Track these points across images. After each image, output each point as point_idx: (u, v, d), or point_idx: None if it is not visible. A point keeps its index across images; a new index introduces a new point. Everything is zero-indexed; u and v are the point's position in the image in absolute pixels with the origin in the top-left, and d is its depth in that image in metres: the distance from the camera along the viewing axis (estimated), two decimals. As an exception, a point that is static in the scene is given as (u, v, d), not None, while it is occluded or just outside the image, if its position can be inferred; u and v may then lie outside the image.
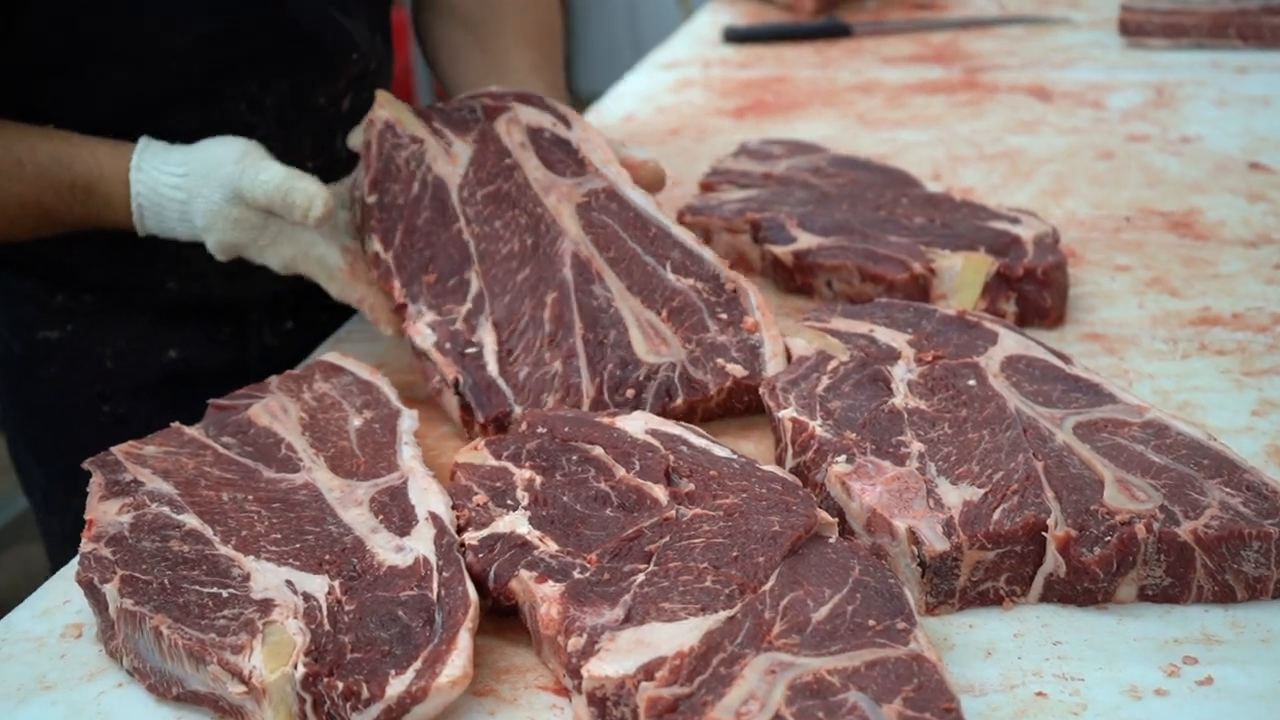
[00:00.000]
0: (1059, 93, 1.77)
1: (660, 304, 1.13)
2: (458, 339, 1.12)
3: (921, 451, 0.93)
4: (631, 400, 1.07)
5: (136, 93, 1.24)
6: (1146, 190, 1.46)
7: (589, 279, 1.14)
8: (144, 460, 0.98)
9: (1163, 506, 0.86)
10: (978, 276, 1.19)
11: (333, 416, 1.05)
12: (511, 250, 1.18)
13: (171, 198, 1.15)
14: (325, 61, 1.33)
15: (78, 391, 1.39)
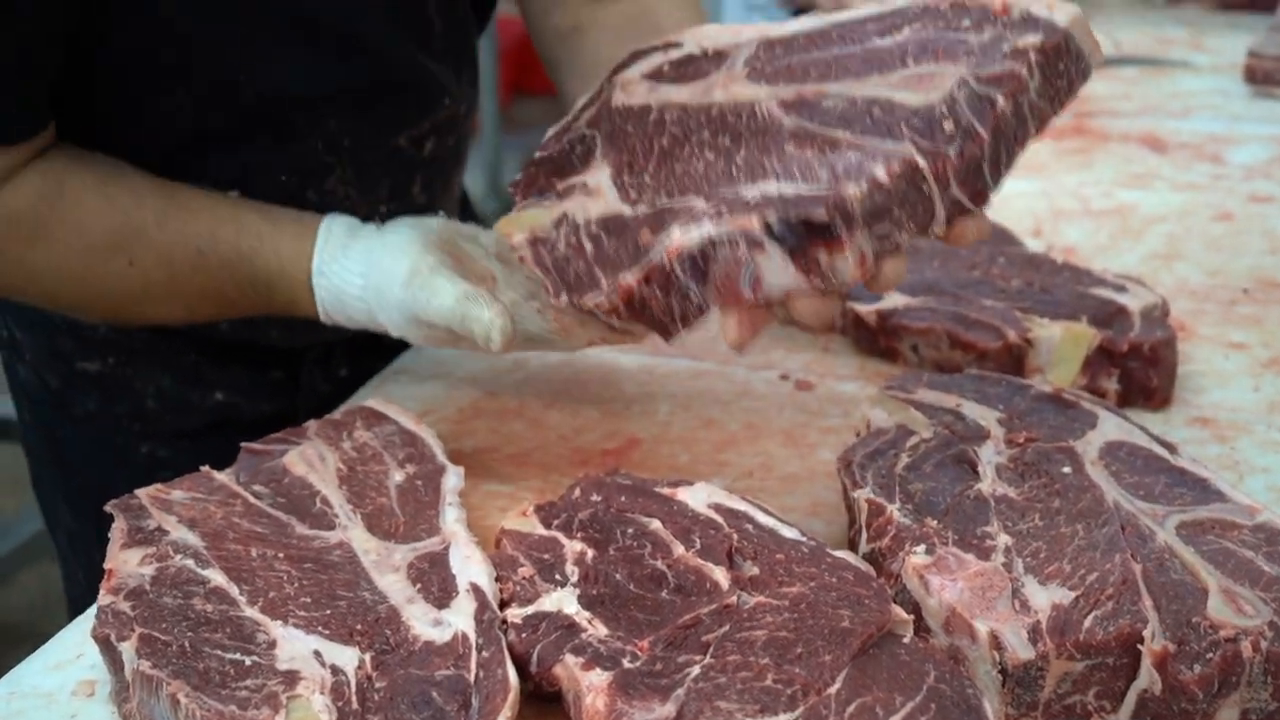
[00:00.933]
0: (1175, 144, 1.76)
1: (897, 61, 1.03)
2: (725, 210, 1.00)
3: (1008, 545, 0.92)
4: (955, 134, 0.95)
5: (207, 125, 1.25)
6: (1269, 258, 1.45)
7: (813, 105, 1.04)
8: (170, 507, 0.99)
9: (1272, 623, 0.84)
10: (1078, 350, 1.18)
11: (373, 469, 1.05)
12: (708, 161, 1.09)
13: (358, 308, 1.17)
14: (410, 105, 1.34)
15: (115, 431, 1.39)
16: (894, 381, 1.14)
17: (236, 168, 1.26)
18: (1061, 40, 0.97)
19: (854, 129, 0.99)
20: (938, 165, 0.94)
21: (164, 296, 1.21)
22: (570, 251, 1.10)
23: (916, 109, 0.97)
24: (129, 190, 1.19)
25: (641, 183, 1.11)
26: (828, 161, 0.98)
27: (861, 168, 0.95)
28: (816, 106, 1.03)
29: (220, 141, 1.26)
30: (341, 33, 1.26)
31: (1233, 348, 1.29)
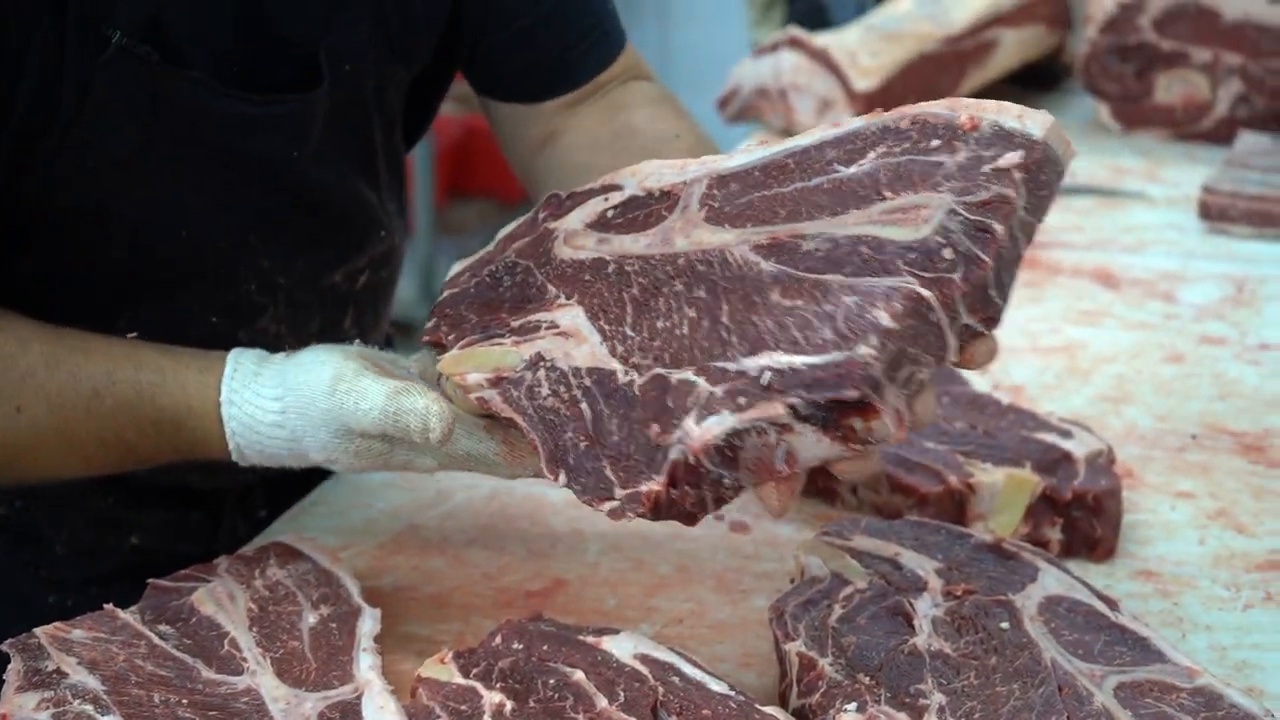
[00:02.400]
0: (1128, 280, 1.79)
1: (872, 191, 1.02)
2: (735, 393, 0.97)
3: (942, 704, 0.94)
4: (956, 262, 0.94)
5: (141, 270, 1.26)
6: (1218, 404, 1.47)
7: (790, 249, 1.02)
8: (70, 647, 0.99)
9: (1207, 793, 0.86)
10: (1021, 498, 1.20)
11: (285, 610, 1.06)
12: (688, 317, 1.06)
13: (274, 435, 1.12)
14: (349, 241, 1.35)
15: (20, 580, 1.38)
16: (830, 527, 1.15)
17: (168, 313, 1.27)
18: (1041, 154, 0.97)
19: (845, 271, 0.96)
20: (944, 294, 0.92)
21: (57, 446, 1.16)
22: (560, 404, 1.06)
23: (910, 244, 0.94)
24: (13, 336, 1.16)
25: (624, 334, 1.06)
26: (825, 314, 0.94)
27: (864, 318, 0.92)
28: (797, 250, 0.99)
29: (153, 289, 1.27)
30: (280, 176, 1.27)
31: (1180, 497, 1.30)
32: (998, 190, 0.94)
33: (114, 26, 1.13)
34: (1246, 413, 1.45)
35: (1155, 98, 2.32)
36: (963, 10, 2.35)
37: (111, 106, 1.16)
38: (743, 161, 1.09)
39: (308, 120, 1.25)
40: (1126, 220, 2.00)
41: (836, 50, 2.23)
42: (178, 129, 1.19)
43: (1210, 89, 2.28)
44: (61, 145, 1.16)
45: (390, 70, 1.32)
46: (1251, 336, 1.62)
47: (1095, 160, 2.25)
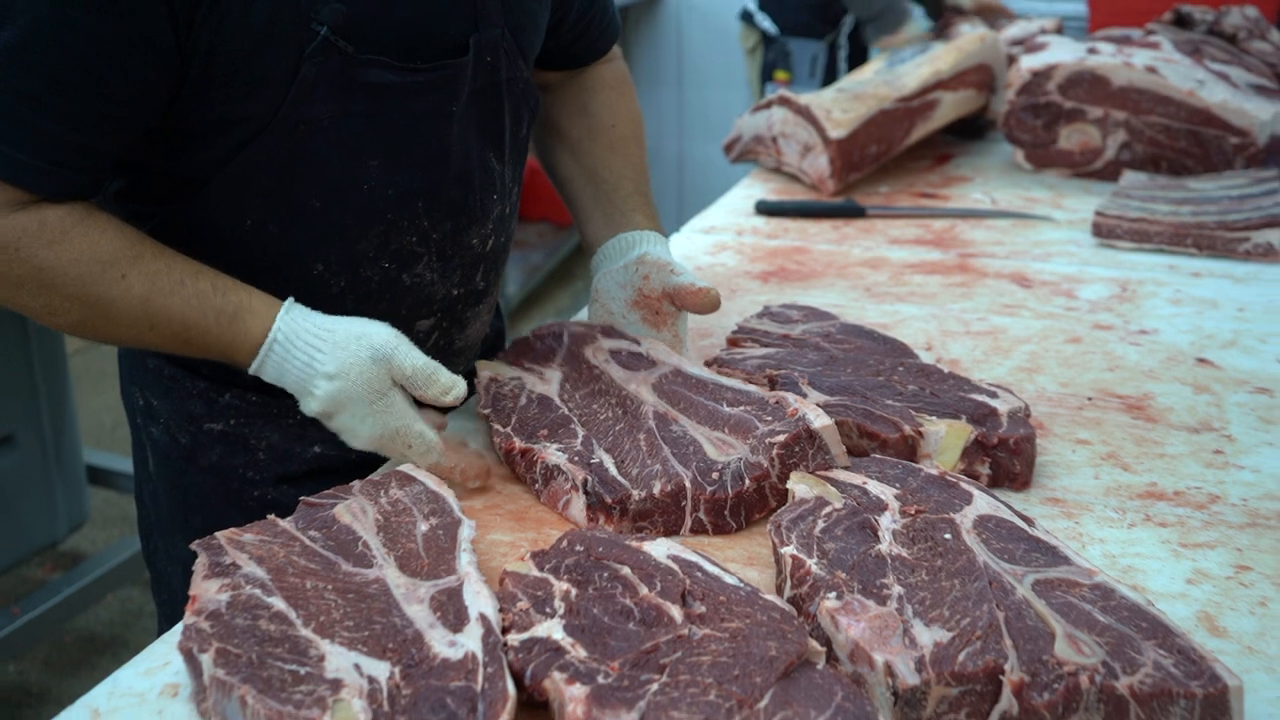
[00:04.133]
0: (1038, 281, 1.79)
1: (722, 424, 1.21)
2: (581, 457, 1.20)
3: (901, 594, 0.94)
4: (717, 482, 1.15)
5: (332, 220, 1.26)
6: (1107, 374, 1.47)
7: (668, 423, 1.24)
8: (243, 546, 1.00)
9: (1105, 662, 0.86)
10: (958, 442, 1.20)
11: (403, 520, 1.06)
12: (605, 416, 1.28)
13: (308, 342, 1.15)
14: (479, 204, 1.35)
15: (231, 478, 1.39)
16: (815, 463, 1.17)
17: (350, 256, 1.27)
18: (805, 433, 1.17)
19: (676, 451, 1.20)
20: (698, 494, 1.15)
21: (140, 314, 1.15)
22: (510, 395, 1.33)
23: (709, 460, 1.18)
24: (139, 235, 1.18)
25: (575, 398, 1.32)
26: (646, 463, 1.18)
27: (652, 480, 1.16)
28: (668, 425, 1.24)
29: (340, 235, 1.27)
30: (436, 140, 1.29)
31: (1079, 443, 1.30)
32: (759, 461, 1.16)
33: (322, 20, 1.14)
34: (1129, 381, 1.45)
35: (1059, 144, 2.31)
36: (912, 78, 2.35)
37: (315, 84, 1.17)
38: (693, 371, 1.33)
39: (456, 86, 1.28)
40: (1036, 237, 2.00)
41: (815, 107, 2.22)
42: (362, 100, 1.21)
43: (1101, 138, 2.27)
44: (270, 112, 1.17)
45: (516, 65, 1.35)
46: (1133, 324, 1.62)
47: (1012, 192, 2.25)
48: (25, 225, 1.10)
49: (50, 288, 1.13)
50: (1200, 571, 1.07)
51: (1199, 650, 0.88)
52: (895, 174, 2.35)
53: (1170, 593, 1.04)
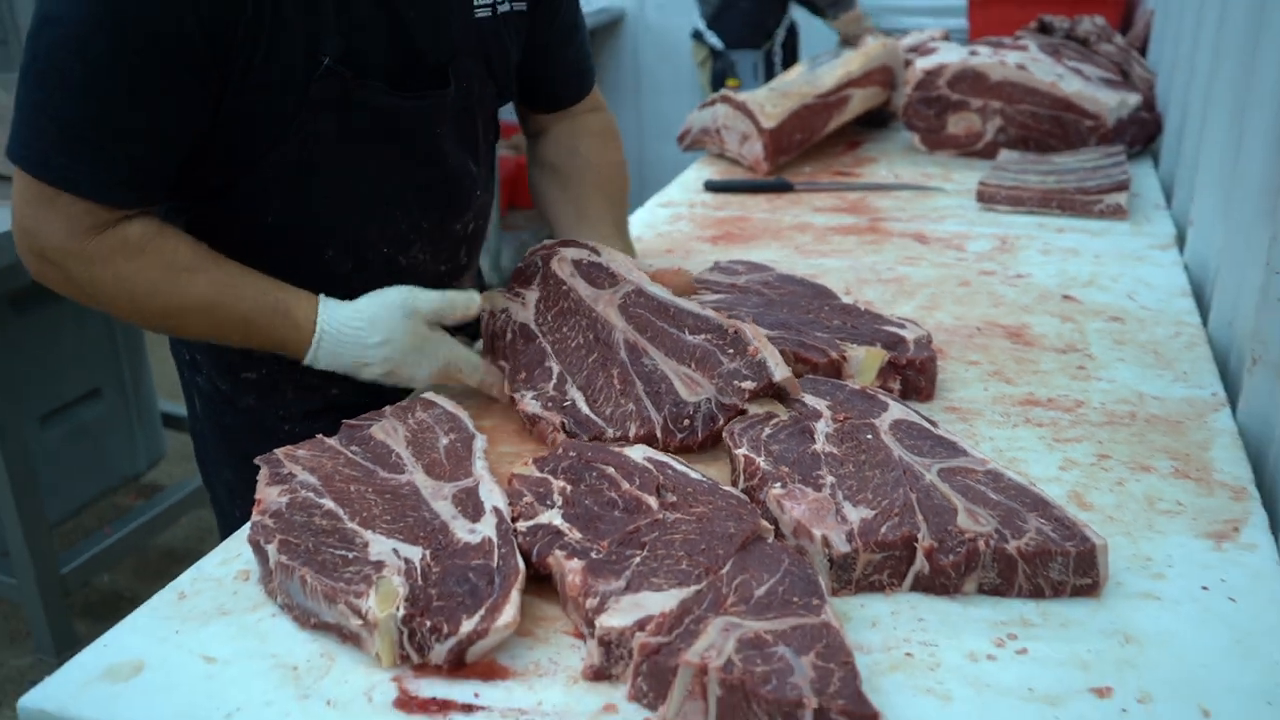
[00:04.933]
0: (933, 239, 1.78)
1: (688, 358, 1.14)
2: (555, 401, 1.14)
3: (833, 483, 0.95)
4: (688, 428, 1.09)
5: (338, 213, 1.24)
6: (992, 309, 1.47)
7: (639, 354, 1.17)
8: (297, 460, 0.99)
9: (997, 529, 0.87)
10: (875, 363, 1.20)
11: (428, 435, 1.06)
12: (578, 343, 1.21)
13: (350, 326, 1.14)
14: (462, 197, 1.33)
15: (265, 416, 1.37)
16: (760, 383, 1.17)
17: (353, 243, 1.25)
18: (768, 386, 1.10)
19: (648, 387, 1.13)
20: (668, 441, 1.09)
21: (202, 310, 1.14)
22: (500, 332, 1.26)
23: (679, 399, 1.11)
24: (203, 247, 1.16)
25: (547, 320, 1.25)
26: (620, 403, 1.11)
27: (625, 423, 1.10)
28: (639, 358, 1.16)
29: (344, 226, 1.25)
30: (427, 150, 1.26)
31: (970, 364, 1.30)
32: (734, 402, 1.09)
33: (324, 53, 1.12)
34: (1009, 314, 1.45)
35: (948, 130, 2.30)
36: (828, 78, 2.33)
37: (320, 104, 1.15)
38: (654, 291, 1.24)
39: (441, 110, 1.25)
40: (932, 205, 1.99)
41: (751, 103, 2.20)
42: (362, 118, 1.19)
43: (982, 124, 2.27)
44: (285, 128, 1.15)
45: (488, 88, 1.32)
46: (1011, 270, 1.63)
47: (911, 169, 2.24)
48: (113, 243, 1.10)
49: (132, 294, 1.13)
50: (1070, 460, 1.08)
51: (1071, 518, 0.89)
52: (816, 157, 2.34)
53: (1047, 477, 1.05)
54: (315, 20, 1.11)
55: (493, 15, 1.28)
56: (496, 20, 1.29)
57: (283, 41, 1.10)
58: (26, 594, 2.43)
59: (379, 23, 1.17)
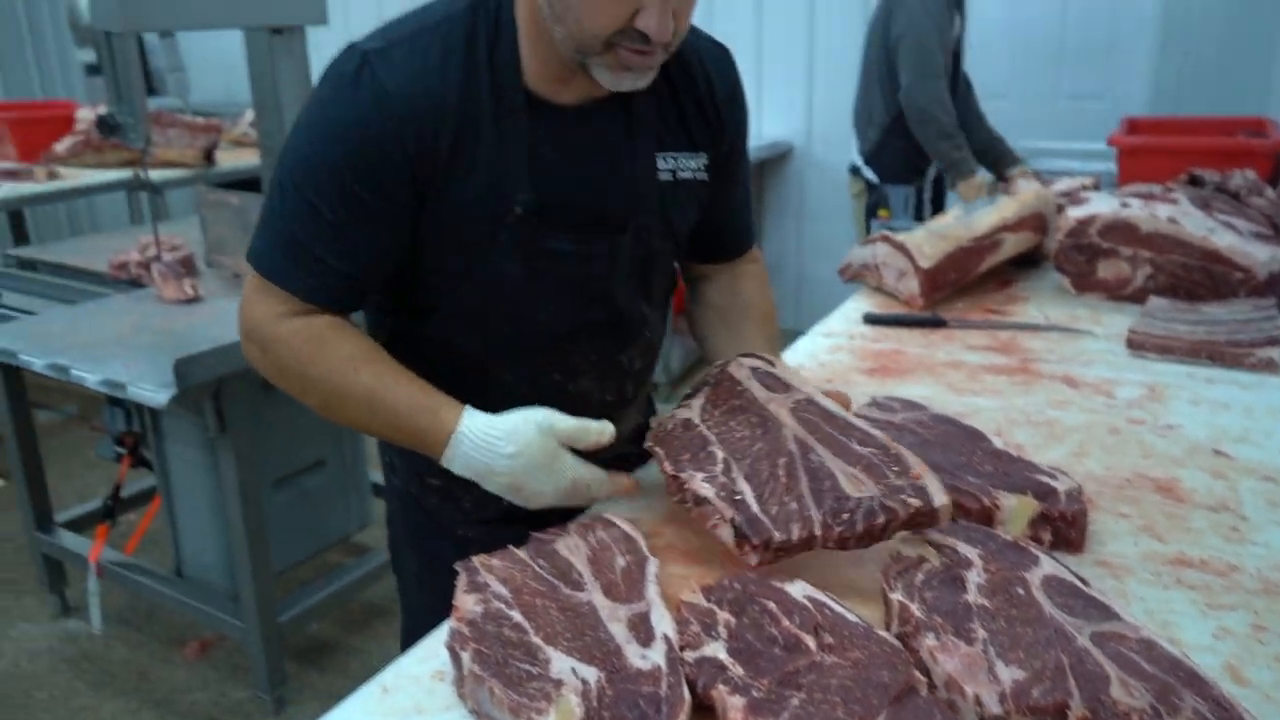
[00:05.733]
0: (1083, 383, 1.69)
1: (854, 463, 1.09)
2: (724, 489, 1.07)
3: (985, 638, 0.89)
4: (847, 521, 1.02)
5: (518, 343, 1.26)
6: (1142, 460, 1.38)
7: (806, 449, 1.11)
8: (492, 569, 1.00)
9: (1152, 705, 0.80)
10: (1026, 513, 1.14)
11: (607, 555, 1.05)
12: (744, 435, 1.14)
13: (486, 434, 1.11)
14: (632, 336, 1.34)
15: (444, 518, 1.40)
16: (914, 525, 1.12)
17: (529, 370, 1.27)
18: (930, 510, 1.04)
19: (812, 482, 1.07)
20: (827, 534, 1.03)
21: (362, 400, 1.14)
22: (662, 432, 1.20)
23: (842, 494, 1.05)
24: (375, 346, 1.18)
25: (713, 415, 1.19)
26: (784, 501, 1.05)
27: (789, 524, 1.03)
28: (807, 453, 1.11)
29: (521, 355, 1.27)
30: (600, 290, 1.27)
31: (1120, 517, 1.22)
32: (896, 507, 1.03)
33: (518, 204, 1.15)
34: (1159, 466, 1.36)
35: (1098, 274, 2.21)
36: (983, 223, 2.28)
37: (509, 247, 1.18)
38: (823, 403, 1.19)
39: (618, 257, 1.26)
40: (1081, 347, 1.90)
41: (909, 244, 2.17)
42: (545, 260, 1.20)
43: (1131, 271, 2.16)
44: (473, 265, 1.18)
45: (665, 242, 1.32)
46: (1161, 420, 1.53)
47: (1061, 310, 2.15)
48: (298, 328, 1.15)
49: (305, 376, 1.16)
50: (1224, 628, 0.99)
51: (1229, 698, 0.81)
52: (970, 293, 2.28)
53: (1200, 645, 0.96)
54: (509, 169, 1.15)
55: (673, 179, 1.28)
56: (677, 184, 1.29)
57: (476, 185, 1.14)
58: (250, 636, 2.53)
59: (567, 177, 1.19)
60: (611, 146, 1.22)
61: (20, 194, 3.82)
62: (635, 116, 1.23)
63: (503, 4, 1.16)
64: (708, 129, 1.30)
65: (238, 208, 2.58)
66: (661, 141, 1.26)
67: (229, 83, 6.38)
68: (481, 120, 1.13)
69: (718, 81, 1.31)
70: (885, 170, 3.62)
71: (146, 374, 2.04)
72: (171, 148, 4.22)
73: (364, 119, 1.09)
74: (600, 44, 1.08)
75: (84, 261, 2.86)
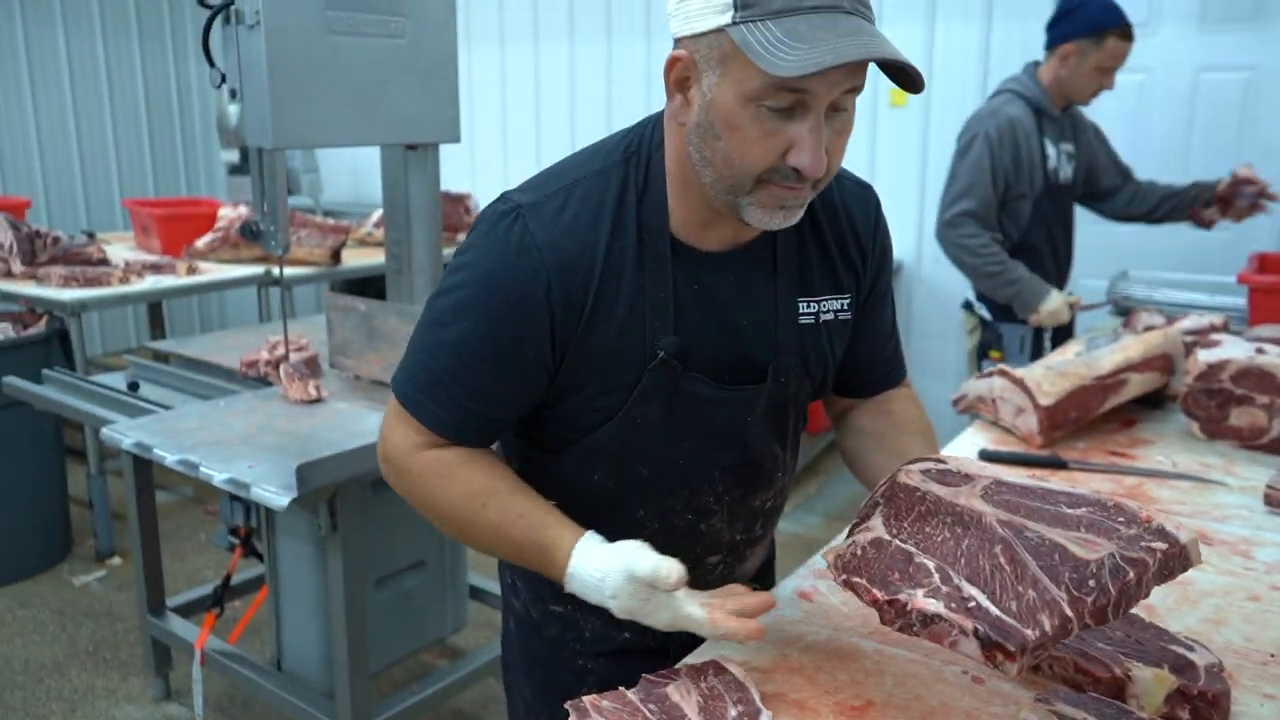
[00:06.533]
0: (1217, 539, 1.61)
1: (1074, 525, 1.00)
2: (953, 598, 0.98)
3: (1122, 831, 0.84)
4: (1095, 589, 0.93)
5: (653, 482, 1.27)
6: (1286, 633, 1.30)
7: (1019, 530, 1.01)
8: (602, 712, 0.99)
9: None
10: (1162, 688, 1.08)
11: (718, 705, 1.03)
12: (946, 537, 1.05)
13: (592, 576, 1.12)
14: (764, 478, 1.34)
15: (564, 647, 1.40)
16: (1040, 694, 1.05)
17: (663, 509, 1.26)
18: (1179, 550, 0.96)
19: (1040, 561, 0.96)
20: (1079, 610, 0.93)
21: (488, 532, 1.18)
22: (849, 556, 1.11)
23: (1078, 561, 0.95)
24: (501, 474, 1.20)
25: (902, 527, 1.09)
26: (1018, 592, 0.95)
27: (1037, 617, 0.93)
28: (1021, 533, 1.00)
29: (657, 494, 1.26)
30: (736, 435, 1.27)
31: (1266, 697, 1.14)
32: (1143, 556, 0.95)
33: (661, 348, 1.17)
34: (1306, 641, 1.28)
35: (1230, 421, 2.12)
36: (1106, 362, 2.22)
37: (651, 390, 1.19)
38: (1016, 480, 1.09)
39: (755, 401, 1.26)
40: (1214, 499, 1.81)
41: (1028, 380, 2.12)
42: (684, 404, 1.21)
43: (1268, 420, 2.07)
44: (617, 408, 1.20)
45: (804, 384, 1.31)
46: (1306, 588, 1.44)
47: (1189, 457, 2.06)
48: (429, 461, 1.19)
49: (433, 507, 1.21)
50: (1389, 839, 0.91)
51: None
52: (1090, 434, 2.20)
53: None
54: (653, 313, 1.17)
55: (815, 322, 1.28)
56: (819, 326, 1.29)
57: (622, 334, 1.16)
58: (342, 736, 2.54)
59: (709, 325, 1.21)
60: (754, 292, 1.23)
61: (163, 286, 4.06)
62: (778, 260, 1.25)
63: (653, 152, 1.19)
64: (851, 269, 1.31)
65: (363, 313, 2.69)
66: (805, 285, 1.27)
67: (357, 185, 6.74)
68: (625, 267, 1.16)
69: (860, 220, 1.31)
70: (997, 307, 3.39)
71: (269, 475, 2.11)
72: (302, 246, 4.45)
73: (515, 271, 1.13)
74: (752, 182, 1.09)
75: (215, 357, 3.01)
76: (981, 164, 3.19)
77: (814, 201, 1.26)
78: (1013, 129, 3.19)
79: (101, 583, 3.83)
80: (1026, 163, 3.22)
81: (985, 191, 3.20)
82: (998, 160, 3.19)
